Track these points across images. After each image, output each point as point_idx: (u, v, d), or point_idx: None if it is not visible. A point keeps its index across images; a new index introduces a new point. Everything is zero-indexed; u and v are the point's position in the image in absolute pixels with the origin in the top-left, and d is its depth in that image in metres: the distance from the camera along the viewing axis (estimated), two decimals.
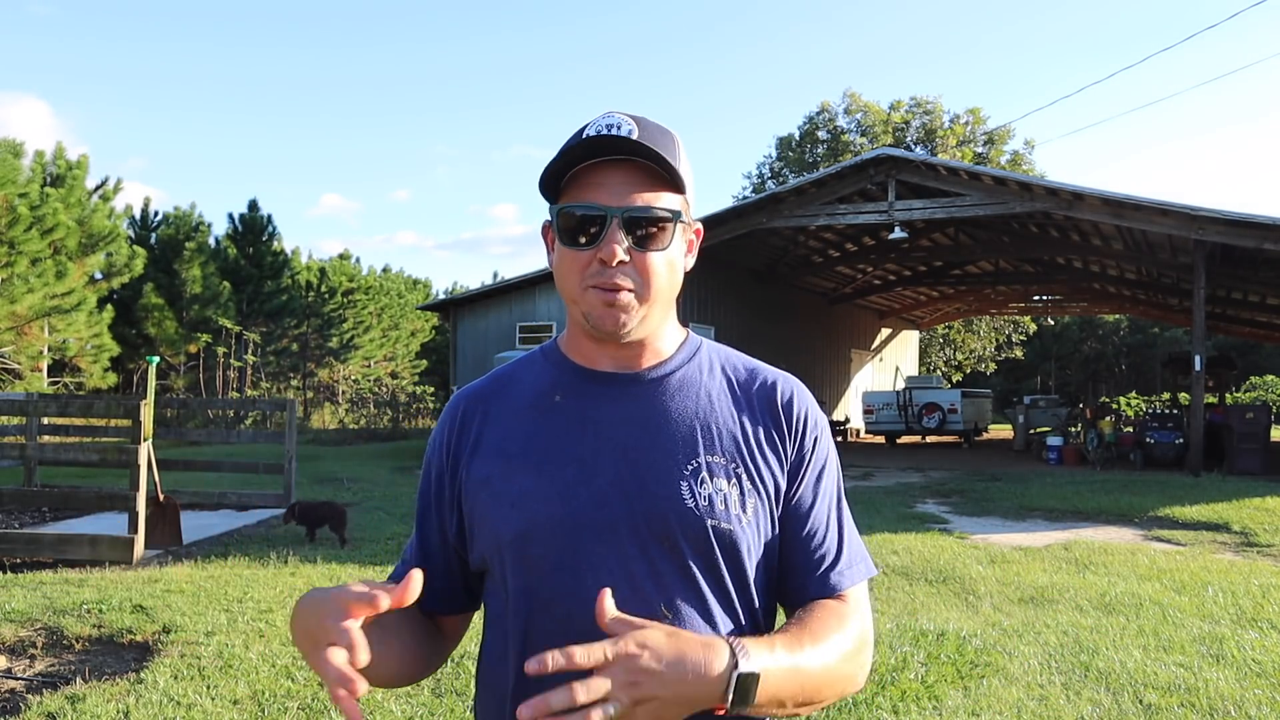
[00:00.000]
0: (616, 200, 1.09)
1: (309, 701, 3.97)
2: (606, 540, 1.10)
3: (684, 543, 1.10)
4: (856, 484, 13.54)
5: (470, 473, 1.18)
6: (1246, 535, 8.95)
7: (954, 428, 22.24)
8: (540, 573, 1.11)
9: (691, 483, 1.12)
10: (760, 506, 1.15)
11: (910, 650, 4.73)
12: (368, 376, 32.46)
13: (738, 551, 1.12)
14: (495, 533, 1.13)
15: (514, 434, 1.17)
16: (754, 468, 1.15)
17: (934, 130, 33.62)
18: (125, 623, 5.05)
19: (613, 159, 1.11)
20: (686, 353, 1.22)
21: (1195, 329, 14.67)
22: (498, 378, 1.26)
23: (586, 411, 1.16)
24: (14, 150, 16.82)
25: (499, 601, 1.16)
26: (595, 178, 1.11)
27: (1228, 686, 4.29)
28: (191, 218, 26.12)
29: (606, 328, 1.11)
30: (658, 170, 1.11)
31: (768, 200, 16.66)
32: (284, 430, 9.87)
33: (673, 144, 1.13)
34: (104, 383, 19.03)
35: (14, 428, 11.52)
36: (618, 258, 1.08)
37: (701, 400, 1.18)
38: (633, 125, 1.11)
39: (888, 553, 7.59)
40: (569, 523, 1.10)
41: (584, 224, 1.10)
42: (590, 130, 1.11)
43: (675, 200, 1.13)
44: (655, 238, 1.11)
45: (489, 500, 1.14)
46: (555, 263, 1.16)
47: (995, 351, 37.48)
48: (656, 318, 1.16)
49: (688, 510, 1.10)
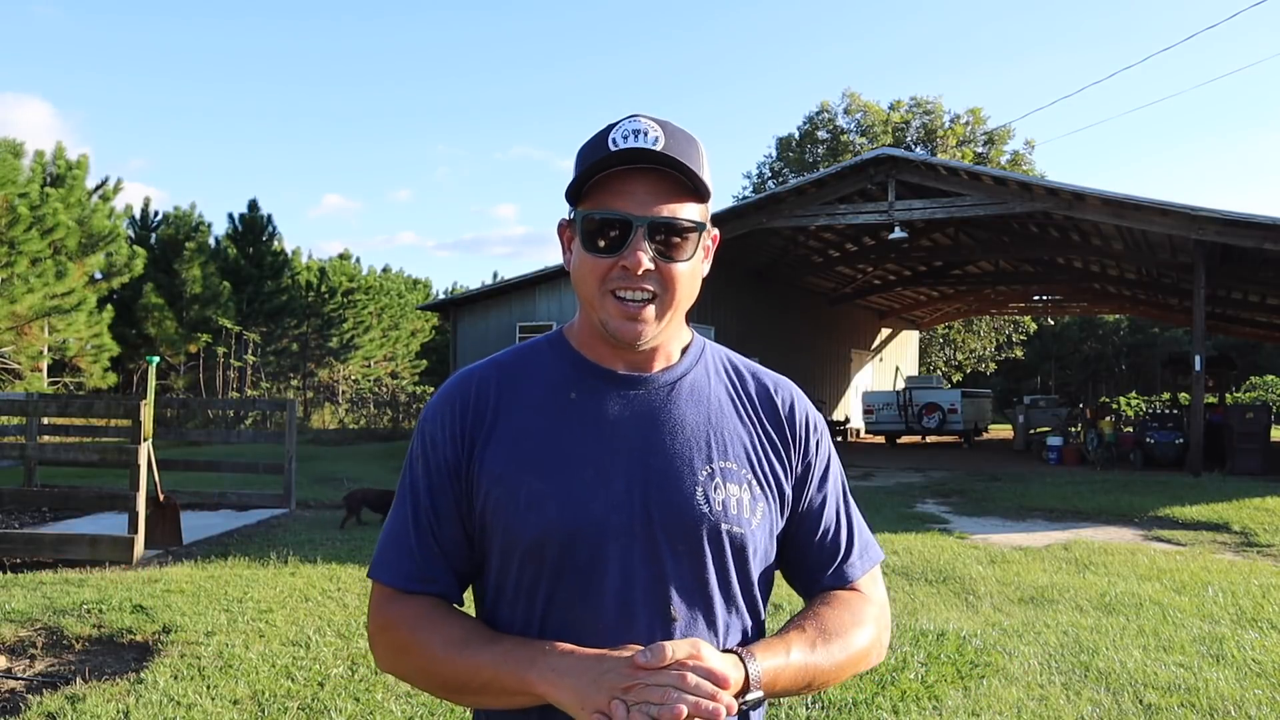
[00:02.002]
0: (642, 209, 1.10)
1: (309, 701, 3.97)
2: (622, 544, 1.11)
3: (699, 547, 1.13)
4: (857, 484, 13.54)
5: (484, 464, 1.15)
6: (1246, 535, 8.95)
7: (954, 428, 22.24)
8: (555, 575, 1.12)
9: (707, 488, 1.15)
10: (768, 511, 1.20)
11: (910, 650, 4.74)
12: (368, 376, 32.45)
13: (747, 555, 1.17)
14: (509, 532, 1.13)
15: (528, 430, 1.16)
16: (763, 474, 1.20)
17: (934, 130, 33.61)
18: (125, 623, 5.05)
19: (639, 166, 1.12)
20: (693, 355, 1.25)
21: (1195, 329, 14.67)
22: (501, 365, 1.23)
23: (601, 413, 1.17)
24: (14, 150, 16.80)
25: (504, 600, 1.16)
26: (621, 185, 1.11)
27: (1228, 686, 4.29)
28: (191, 218, 26.13)
29: (625, 339, 1.13)
30: (683, 179, 1.12)
31: (768, 200, 16.66)
32: (284, 430, 9.88)
33: (697, 152, 1.14)
34: (104, 383, 19.01)
35: (14, 428, 11.53)
36: (643, 267, 1.10)
37: (713, 406, 1.21)
38: (659, 133, 1.11)
39: (888, 553, 7.57)
40: (586, 527, 1.11)
41: (608, 231, 1.11)
42: (617, 136, 1.11)
43: (698, 210, 1.15)
44: (679, 248, 1.13)
45: (503, 498, 1.13)
46: (575, 266, 1.16)
47: (995, 351, 37.47)
48: (673, 326, 1.19)
49: (704, 515, 1.13)
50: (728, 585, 1.16)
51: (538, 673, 1.04)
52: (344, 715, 3.84)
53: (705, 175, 1.13)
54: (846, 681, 4.25)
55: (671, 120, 1.15)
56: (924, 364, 36.27)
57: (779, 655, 1.09)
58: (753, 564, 1.18)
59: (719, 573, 1.15)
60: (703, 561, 1.13)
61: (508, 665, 1.06)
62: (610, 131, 1.13)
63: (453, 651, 1.09)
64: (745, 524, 1.16)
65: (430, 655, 1.11)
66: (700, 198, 1.15)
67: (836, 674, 1.15)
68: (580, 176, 1.12)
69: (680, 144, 1.12)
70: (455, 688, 1.11)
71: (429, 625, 1.12)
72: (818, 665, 1.13)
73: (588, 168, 1.11)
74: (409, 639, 1.13)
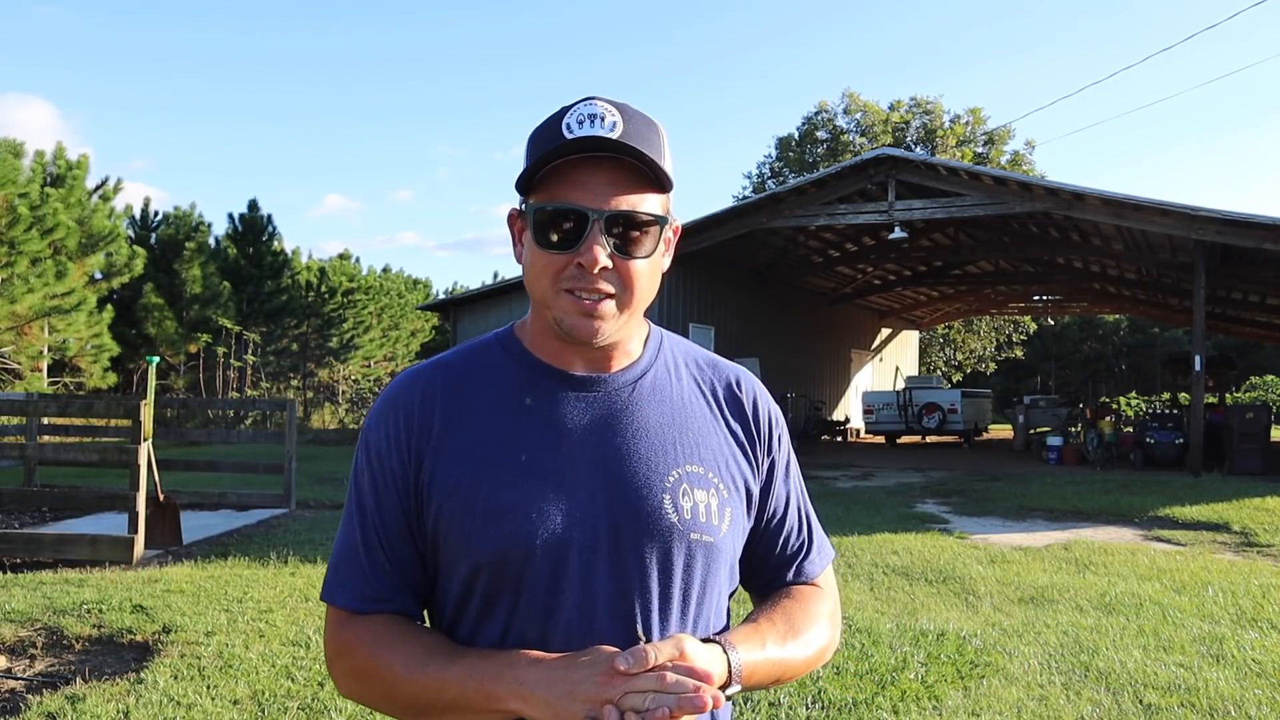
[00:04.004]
0: (599, 201, 1.02)
1: (309, 701, 3.97)
2: (586, 557, 1.05)
3: (667, 557, 1.08)
4: (856, 484, 13.54)
5: (434, 476, 1.08)
6: (1246, 535, 8.95)
7: (954, 428, 22.22)
8: (515, 591, 1.05)
9: (675, 495, 1.09)
10: (735, 513, 1.15)
11: (910, 650, 4.73)
12: (368, 376, 32.44)
13: (717, 562, 1.12)
14: (466, 547, 1.06)
15: (483, 438, 1.09)
16: (729, 475, 1.15)
17: (934, 130, 33.60)
18: (125, 623, 5.05)
19: (596, 155, 1.03)
20: (652, 350, 1.18)
21: (1195, 329, 14.67)
22: (447, 367, 1.15)
23: (560, 418, 1.10)
24: (14, 150, 16.79)
25: (464, 619, 1.10)
26: (576, 174, 1.03)
27: (1228, 686, 4.29)
28: (191, 218, 26.10)
29: (581, 336, 1.06)
30: (643, 169, 1.04)
31: (767, 200, 16.66)
32: (284, 430, 9.88)
33: (658, 138, 1.06)
34: (104, 383, 19.01)
35: (14, 428, 11.53)
36: (600, 264, 1.02)
37: (676, 406, 1.15)
38: (617, 118, 1.03)
39: (888, 553, 7.59)
40: (548, 540, 1.04)
41: (561, 224, 1.03)
42: (571, 121, 1.03)
43: (659, 201, 1.07)
44: (638, 243, 1.05)
45: (458, 511, 1.06)
46: (528, 262, 1.08)
47: (995, 351, 37.46)
48: (633, 323, 1.12)
49: (672, 525, 1.08)
50: (698, 595, 1.10)
51: (505, 686, 0.98)
52: (344, 715, 3.84)
53: (667, 164, 1.05)
54: (846, 681, 4.25)
55: (630, 104, 1.07)
56: (924, 364, 36.26)
57: (755, 648, 1.07)
58: (722, 570, 1.13)
59: (687, 583, 1.09)
60: (670, 573, 1.07)
61: (473, 681, 1.00)
62: (564, 116, 1.04)
63: (415, 670, 1.02)
64: (714, 531, 1.10)
65: (393, 676, 1.03)
66: (662, 188, 1.06)
67: (803, 668, 1.14)
68: (532, 166, 1.04)
69: (640, 130, 1.04)
70: (421, 709, 1.03)
71: (388, 645, 1.05)
72: (788, 660, 1.11)
73: (540, 157, 1.03)
74: (369, 662, 1.06)
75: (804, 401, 22.30)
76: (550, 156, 1.03)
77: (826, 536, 1.31)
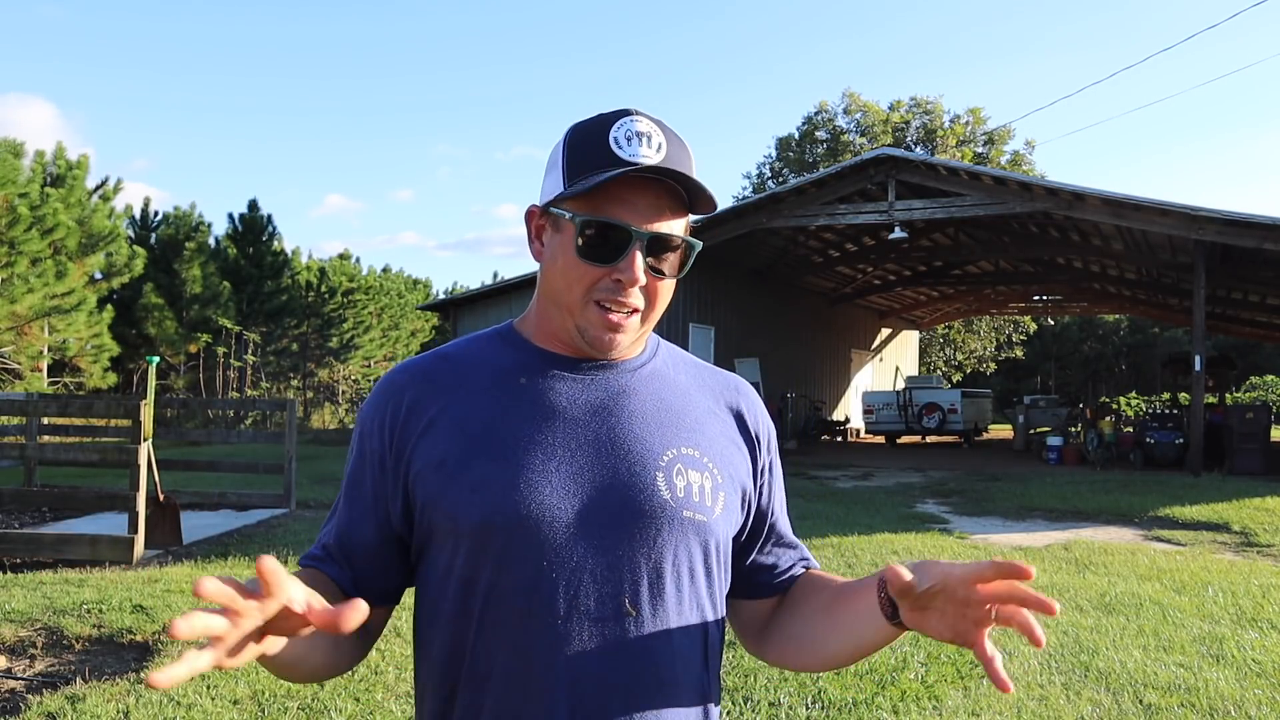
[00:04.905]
0: (642, 221, 1.06)
1: (309, 701, 3.97)
2: (573, 531, 1.05)
3: (658, 535, 1.08)
4: (856, 484, 13.55)
5: (420, 454, 1.09)
6: (1246, 535, 8.95)
7: (954, 428, 22.23)
8: (498, 564, 1.05)
9: (669, 473, 1.09)
10: (729, 501, 1.15)
11: (910, 650, 4.73)
12: (368, 376, 32.44)
13: (709, 543, 1.12)
14: (452, 519, 1.06)
15: (473, 415, 1.10)
16: (726, 463, 1.16)
17: (934, 130, 33.62)
18: (125, 623, 5.05)
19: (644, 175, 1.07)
20: (650, 350, 1.21)
21: (1195, 329, 14.67)
22: (445, 356, 1.18)
23: (553, 394, 1.11)
24: (14, 150, 16.80)
25: (445, 593, 1.08)
26: (622, 192, 1.06)
27: (1228, 686, 4.30)
28: (191, 218, 26.10)
29: (601, 349, 1.10)
30: (680, 192, 1.09)
31: (767, 200, 16.66)
32: (284, 430, 9.88)
33: (691, 161, 1.11)
34: (104, 383, 19.02)
35: (14, 428, 11.52)
36: (640, 282, 1.07)
37: (674, 392, 1.17)
38: (662, 139, 1.08)
39: (888, 553, 7.58)
40: (535, 512, 1.04)
41: (605, 239, 1.06)
42: (619, 136, 1.07)
43: (685, 223, 1.12)
44: (670, 263, 1.10)
45: (444, 482, 1.06)
46: (559, 268, 1.09)
47: (995, 351, 37.47)
48: (643, 334, 1.16)
49: (664, 502, 1.08)
50: (689, 574, 1.10)
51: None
52: (344, 715, 3.84)
53: (706, 187, 1.09)
54: (846, 682, 4.26)
55: (664, 120, 1.11)
56: (924, 364, 36.27)
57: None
58: (714, 553, 1.13)
59: (678, 562, 1.08)
60: (661, 550, 1.07)
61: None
62: (610, 129, 1.07)
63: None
64: (708, 511, 1.10)
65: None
66: (690, 211, 1.11)
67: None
68: (590, 185, 1.05)
69: (677, 152, 1.09)
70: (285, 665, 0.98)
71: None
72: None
73: (599, 182, 1.04)
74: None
75: (804, 401, 22.31)
76: (602, 169, 1.05)
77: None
